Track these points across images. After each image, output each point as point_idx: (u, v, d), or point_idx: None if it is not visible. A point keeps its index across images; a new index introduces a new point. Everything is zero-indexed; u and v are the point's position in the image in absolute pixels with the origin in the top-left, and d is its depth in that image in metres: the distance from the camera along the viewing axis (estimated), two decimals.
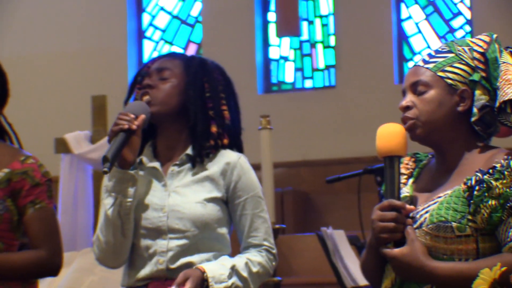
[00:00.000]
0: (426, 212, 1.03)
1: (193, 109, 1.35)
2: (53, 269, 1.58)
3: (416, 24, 4.17)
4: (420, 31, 4.20)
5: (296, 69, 4.17)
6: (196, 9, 4.09)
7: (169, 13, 4.08)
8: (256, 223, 1.37)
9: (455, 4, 4.22)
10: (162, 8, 4.08)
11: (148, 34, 4.11)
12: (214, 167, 1.33)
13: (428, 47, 4.21)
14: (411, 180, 1.11)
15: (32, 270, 1.57)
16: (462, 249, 1.01)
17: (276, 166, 3.11)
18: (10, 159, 1.55)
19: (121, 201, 1.36)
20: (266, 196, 3.30)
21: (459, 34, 4.11)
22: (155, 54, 4.05)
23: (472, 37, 1.15)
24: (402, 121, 1.06)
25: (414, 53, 4.28)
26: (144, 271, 1.41)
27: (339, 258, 2.75)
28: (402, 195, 1.08)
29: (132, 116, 1.30)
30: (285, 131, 3.69)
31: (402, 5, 4.18)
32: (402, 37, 4.25)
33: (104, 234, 1.40)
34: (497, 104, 1.03)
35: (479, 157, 1.06)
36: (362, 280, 2.51)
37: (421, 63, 1.09)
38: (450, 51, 1.08)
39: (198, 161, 1.34)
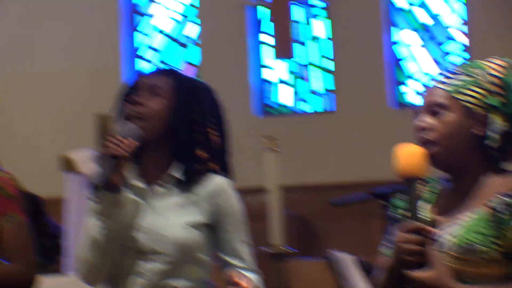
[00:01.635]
0: (450, 235, 1.04)
1: (179, 132, 1.35)
2: (27, 281, 1.59)
3: (408, 47, 4.30)
4: (412, 56, 4.34)
5: (295, 92, 4.28)
6: (192, 31, 4.17)
7: (164, 33, 4.18)
8: (238, 248, 1.36)
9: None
10: (156, 29, 4.18)
11: (142, 53, 4.19)
12: (199, 191, 1.32)
13: (423, 71, 4.35)
14: (429, 204, 1.11)
15: (7, 282, 1.57)
16: (489, 273, 1.02)
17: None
18: None
19: (106, 223, 1.36)
20: (273, 219, 3.19)
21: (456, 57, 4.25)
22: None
23: (482, 60, 1.13)
24: (419, 141, 1.05)
25: (408, 77, 4.38)
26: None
27: (349, 283, 2.65)
28: (423, 218, 1.07)
29: (125, 142, 1.29)
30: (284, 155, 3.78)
31: (393, 29, 4.33)
32: (395, 61, 4.41)
33: (86, 253, 1.40)
34: None
35: (496, 180, 1.07)
36: None
37: (437, 84, 1.08)
38: (465, 74, 1.07)
39: (185, 184, 1.33)
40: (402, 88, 4.39)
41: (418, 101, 1.41)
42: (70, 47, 4.08)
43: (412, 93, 4.39)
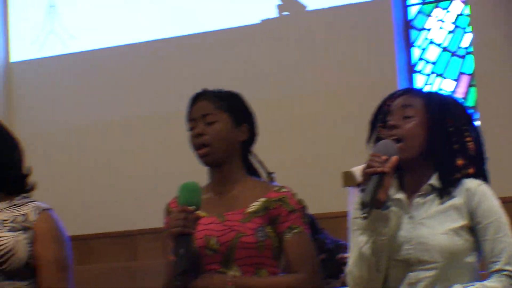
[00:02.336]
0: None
1: (438, 145, 1.40)
2: None
3: None
4: None
5: None
6: (466, 40, 4.18)
7: (439, 45, 4.27)
8: (496, 249, 1.35)
9: None
10: (431, 41, 4.30)
11: (418, 68, 4.38)
12: (457, 195, 1.37)
13: None
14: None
15: None
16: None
17: None
18: (265, 190, 1.67)
19: (375, 239, 1.43)
20: None
21: None
22: (428, 88, 4.24)
23: None
24: None
25: None
26: None
27: None
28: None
29: (384, 157, 1.37)
30: None
31: None
32: None
33: (358, 269, 1.47)
34: None
35: None
36: None
37: None
38: None
39: (443, 191, 1.39)
40: None
41: None
42: (347, 63, 4.50)
43: None
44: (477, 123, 2.13)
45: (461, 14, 4.20)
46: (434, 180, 1.42)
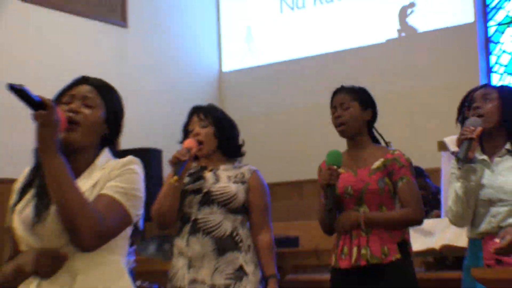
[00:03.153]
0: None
1: (509, 120, 1.77)
2: (418, 222, 2.03)
3: None
4: None
5: None
6: None
7: (510, 53, 5.42)
8: None
9: None
10: (504, 51, 5.46)
11: (495, 69, 5.54)
12: None
13: None
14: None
15: (403, 222, 2.00)
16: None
17: None
18: (383, 153, 2.01)
19: (467, 184, 1.74)
20: None
21: None
22: (500, 83, 5.15)
23: None
24: None
25: None
26: (481, 228, 1.81)
27: None
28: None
29: (472, 128, 1.71)
30: None
31: None
32: None
33: (455, 206, 1.80)
34: None
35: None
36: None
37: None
38: None
39: None
40: None
41: None
42: (446, 68, 5.49)
43: None
44: None
45: None
46: (508, 146, 1.77)
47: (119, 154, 1.48)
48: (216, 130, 2.22)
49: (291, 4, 6.64)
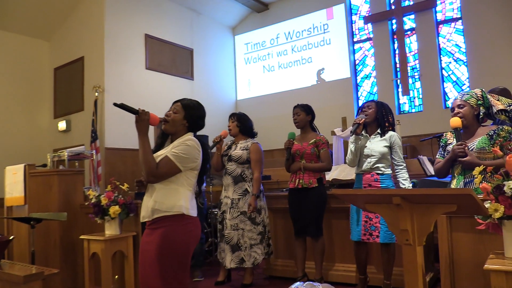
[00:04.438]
0: (473, 146, 2.53)
1: (379, 120, 3.02)
2: (328, 169, 3.51)
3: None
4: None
5: None
6: None
7: None
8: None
9: None
10: None
11: None
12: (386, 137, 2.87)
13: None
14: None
15: (321, 169, 3.47)
16: (489, 157, 2.45)
17: None
18: (315, 136, 3.30)
19: (356, 146, 3.25)
20: None
21: None
22: None
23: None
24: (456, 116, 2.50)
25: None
26: (362, 168, 3.40)
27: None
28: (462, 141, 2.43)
29: (360, 119, 3.00)
30: None
31: None
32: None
33: (351, 156, 3.34)
34: (494, 110, 2.51)
35: (484, 128, 2.59)
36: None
37: (459, 97, 2.65)
38: (468, 94, 2.67)
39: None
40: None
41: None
42: None
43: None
44: None
45: None
46: (378, 130, 3.04)
47: (197, 136, 2.20)
48: (238, 123, 3.96)
49: (268, 68, 10.84)
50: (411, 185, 3.44)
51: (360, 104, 8.73)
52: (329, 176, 4.67)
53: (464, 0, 8.52)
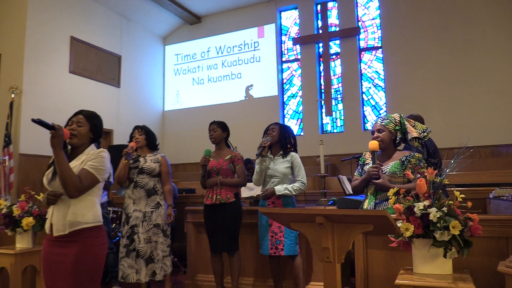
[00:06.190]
0: (386, 169, 2.75)
1: (282, 142, 3.27)
2: (243, 185, 3.60)
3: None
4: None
5: None
6: None
7: None
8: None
9: None
10: None
11: None
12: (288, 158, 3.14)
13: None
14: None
15: (237, 184, 3.63)
16: (399, 181, 2.71)
17: None
18: (231, 152, 3.47)
19: (261, 167, 3.55)
20: None
21: None
22: None
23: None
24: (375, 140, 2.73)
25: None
26: (266, 187, 3.66)
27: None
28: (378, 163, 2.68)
29: (265, 142, 3.29)
30: None
31: None
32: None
33: (256, 176, 3.66)
34: (409, 136, 2.72)
35: (398, 153, 2.83)
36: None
37: (379, 121, 2.83)
38: (388, 119, 2.85)
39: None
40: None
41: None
42: None
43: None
44: None
45: None
46: (281, 152, 3.25)
47: (108, 148, 3.00)
48: (146, 136, 3.98)
49: (197, 81, 10.95)
50: (293, 189, 3.68)
51: (285, 122, 9.97)
52: (254, 192, 4.76)
53: (385, 31, 9.10)
